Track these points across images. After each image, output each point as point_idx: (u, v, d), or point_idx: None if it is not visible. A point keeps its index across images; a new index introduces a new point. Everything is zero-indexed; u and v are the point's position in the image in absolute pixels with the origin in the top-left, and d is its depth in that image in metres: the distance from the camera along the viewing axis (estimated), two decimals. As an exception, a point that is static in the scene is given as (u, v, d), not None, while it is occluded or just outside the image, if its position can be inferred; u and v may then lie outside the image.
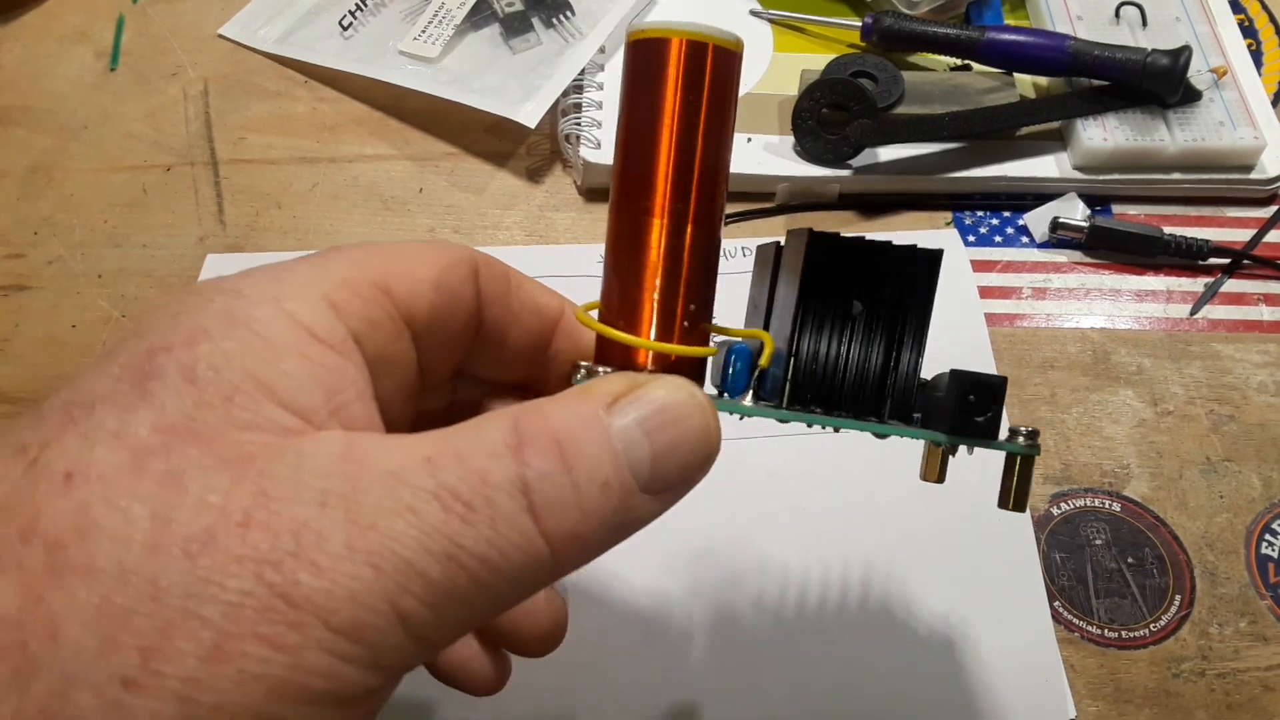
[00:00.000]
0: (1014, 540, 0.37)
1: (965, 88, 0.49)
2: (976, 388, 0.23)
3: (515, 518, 0.18)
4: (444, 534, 0.17)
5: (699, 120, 0.21)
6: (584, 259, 0.45)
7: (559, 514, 0.18)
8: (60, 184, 0.49)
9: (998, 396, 0.23)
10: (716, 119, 0.21)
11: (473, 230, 0.47)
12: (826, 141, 0.47)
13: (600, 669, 0.35)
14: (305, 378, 0.19)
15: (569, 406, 0.19)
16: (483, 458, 0.18)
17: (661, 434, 0.19)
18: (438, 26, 0.51)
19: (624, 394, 0.19)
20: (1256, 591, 0.37)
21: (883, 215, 0.47)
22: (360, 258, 0.21)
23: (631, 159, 0.21)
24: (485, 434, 0.18)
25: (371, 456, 0.18)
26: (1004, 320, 0.44)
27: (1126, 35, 0.50)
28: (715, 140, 0.21)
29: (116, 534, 0.16)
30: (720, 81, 0.21)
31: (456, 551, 0.17)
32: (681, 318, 0.21)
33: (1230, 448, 0.40)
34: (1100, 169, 0.47)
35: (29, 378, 0.42)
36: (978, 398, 0.23)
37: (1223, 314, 0.44)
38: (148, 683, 0.16)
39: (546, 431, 0.18)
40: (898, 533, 0.37)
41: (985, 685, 0.34)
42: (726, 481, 0.38)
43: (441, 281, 0.22)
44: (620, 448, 0.19)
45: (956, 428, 0.23)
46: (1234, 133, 0.46)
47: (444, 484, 0.18)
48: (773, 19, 0.53)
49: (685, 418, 0.19)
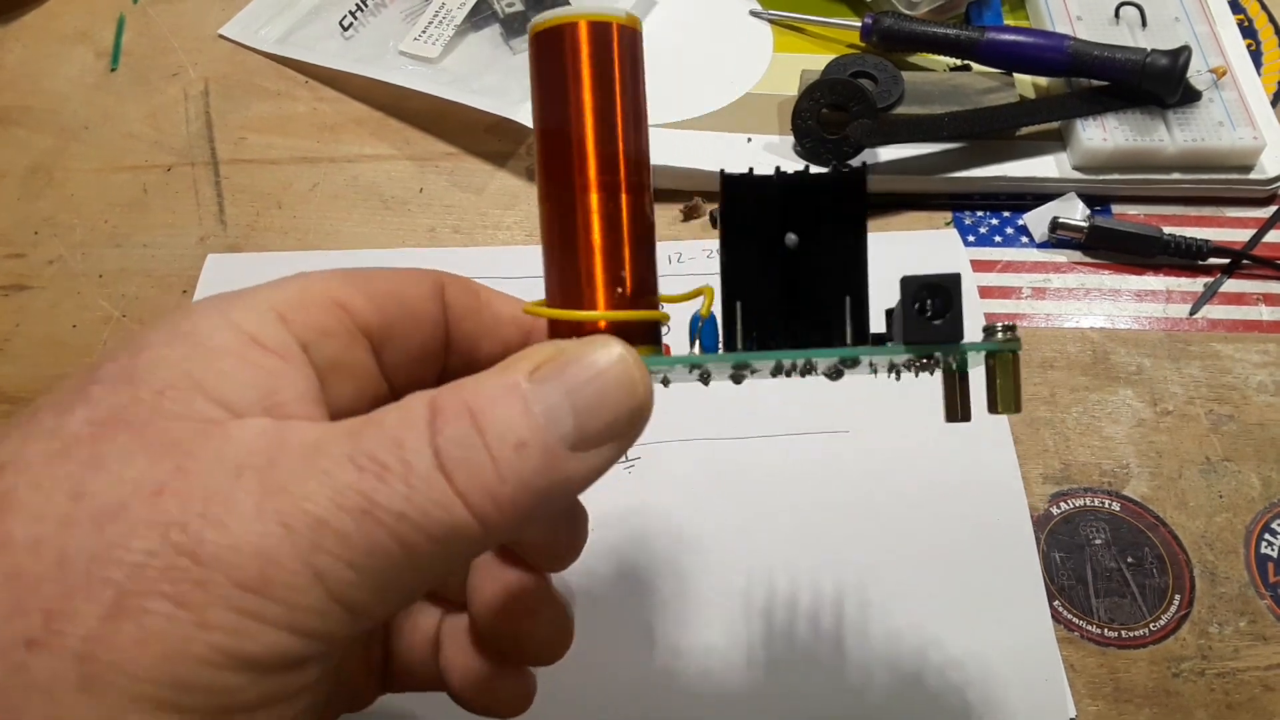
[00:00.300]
0: (1014, 540, 0.37)
1: (965, 88, 0.49)
2: (928, 290, 0.22)
3: (430, 476, 0.18)
4: (357, 490, 0.18)
5: (614, 95, 0.22)
6: None
7: (472, 474, 0.18)
8: (61, 184, 0.49)
9: (953, 295, 0.22)
10: (630, 93, 0.22)
11: (473, 230, 0.47)
12: (826, 141, 0.47)
13: (599, 671, 0.35)
14: (241, 377, 0.19)
15: (486, 377, 0.20)
16: (400, 427, 0.19)
17: (583, 392, 0.19)
18: (438, 27, 0.52)
19: (547, 360, 0.20)
20: (1256, 591, 0.37)
21: (883, 215, 0.47)
22: (319, 276, 0.22)
23: (552, 143, 0.22)
24: (405, 407, 0.19)
25: (294, 434, 0.19)
26: (1004, 320, 0.44)
27: (1126, 35, 0.50)
28: (631, 112, 0.22)
29: (34, 511, 0.17)
30: (627, 57, 0.22)
31: (371, 508, 0.18)
32: (614, 287, 0.22)
33: (1230, 447, 0.40)
34: (1100, 169, 0.47)
35: (29, 378, 0.42)
36: (932, 300, 0.22)
37: (1222, 314, 0.44)
38: (49, 642, 0.16)
39: (461, 401, 0.19)
40: (897, 532, 0.37)
41: (985, 685, 0.34)
42: (726, 481, 0.38)
43: (400, 295, 0.23)
44: (538, 409, 0.19)
45: (914, 336, 0.22)
46: (1233, 133, 0.46)
47: (360, 449, 0.18)
48: (772, 19, 0.54)
49: (607, 373, 0.20)
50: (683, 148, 0.48)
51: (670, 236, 0.47)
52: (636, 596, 0.36)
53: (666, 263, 0.45)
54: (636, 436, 0.21)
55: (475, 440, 0.18)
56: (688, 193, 0.48)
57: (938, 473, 0.39)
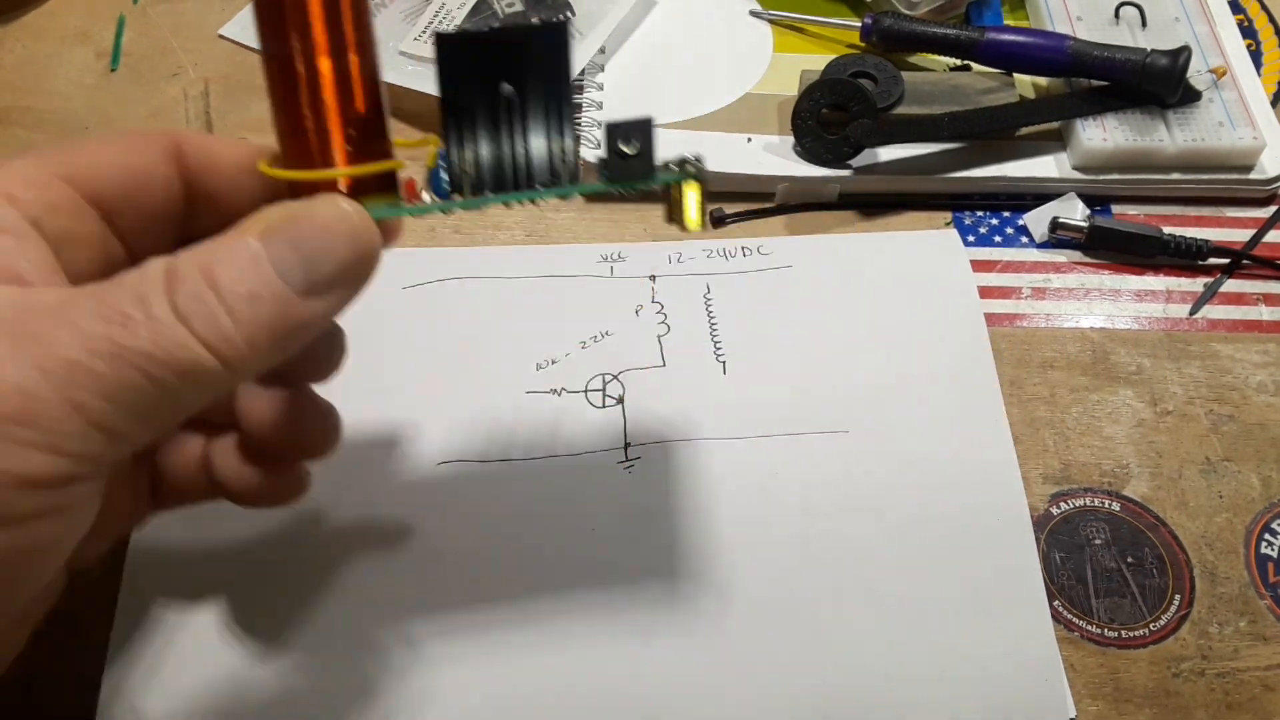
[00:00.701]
0: (1013, 539, 0.37)
1: (965, 88, 0.49)
2: (626, 129, 0.26)
3: (170, 325, 0.21)
4: (105, 338, 0.20)
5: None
6: (584, 259, 0.45)
7: (208, 323, 0.21)
8: (61, 184, 0.49)
9: (647, 134, 0.26)
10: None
11: (473, 230, 0.47)
12: (826, 142, 0.47)
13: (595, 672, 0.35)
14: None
15: (219, 241, 0.22)
16: (141, 285, 0.21)
17: (309, 242, 0.22)
18: (438, 27, 0.52)
19: (277, 221, 0.22)
20: (1256, 591, 0.37)
21: (883, 215, 0.47)
22: (43, 154, 0.25)
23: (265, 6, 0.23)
24: (144, 269, 0.21)
25: (39, 296, 0.21)
26: (1004, 320, 0.44)
27: (1126, 36, 0.50)
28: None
29: None
30: None
31: (121, 351, 0.20)
32: (344, 144, 0.24)
33: (1230, 448, 0.40)
34: (1100, 169, 0.47)
35: (29, 378, 0.42)
36: (630, 139, 0.26)
37: (1222, 314, 0.44)
38: None
39: (195, 263, 0.21)
40: (894, 532, 0.37)
41: (984, 685, 0.34)
42: (724, 481, 0.38)
43: (127, 164, 0.25)
44: (267, 264, 0.22)
45: (613, 174, 0.26)
46: (1233, 133, 0.46)
47: (105, 302, 0.21)
48: (772, 19, 0.54)
49: (333, 223, 0.23)
50: (682, 148, 0.48)
51: (670, 237, 0.47)
52: (632, 599, 0.36)
53: (667, 262, 0.45)
54: (367, 278, 0.24)
55: (209, 294, 0.21)
56: (688, 193, 0.48)
57: (937, 472, 0.39)
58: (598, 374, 0.41)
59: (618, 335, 0.42)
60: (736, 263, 0.45)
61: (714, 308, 0.43)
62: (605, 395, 0.41)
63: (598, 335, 0.42)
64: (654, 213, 0.47)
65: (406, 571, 0.36)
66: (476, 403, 0.40)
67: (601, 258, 0.45)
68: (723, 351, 0.42)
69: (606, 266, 0.44)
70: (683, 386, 0.41)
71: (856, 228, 0.47)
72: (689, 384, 0.41)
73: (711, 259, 0.45)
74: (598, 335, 0.42)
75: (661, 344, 0.42)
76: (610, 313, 0.43)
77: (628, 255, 0.45)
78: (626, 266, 0.44)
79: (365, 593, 0.36)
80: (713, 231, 0.47)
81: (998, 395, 0.41)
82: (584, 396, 0.41)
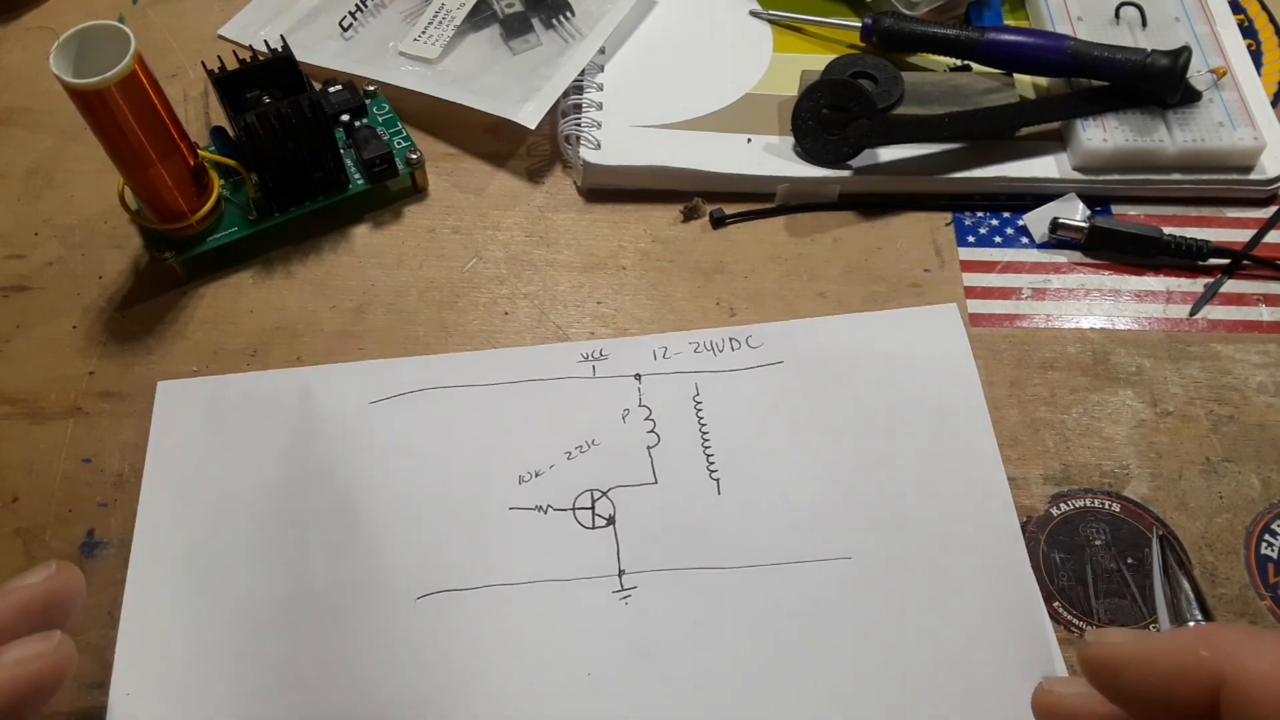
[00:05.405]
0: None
1: (965, 88, 0.49)
2: (379, 158, 0.45)
3: None
4: None
5: (129, 119, 0.39)
6: (563, 359, 0.42)
7: None
8: (61, 185, 0.49)
9: (389, 159, 0.45)
10: (141, 110, 0.39)
11: (473, 230, 0.47)
12: (826, 142, 0.47)
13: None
14: None
15: None
16: None
17: None
18: (438, 27, 0.52)
19: None
20: (1256, 592, 0.37)
21: (883, 215, 0.47)
22: None
23: (116, 145, 0.40)
24: None
25: None
26: (1004, 321, 0.44)
27: (1126, 36, 0.50)
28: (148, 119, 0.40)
29: None
30: (134, 95, 0.38)
31: None
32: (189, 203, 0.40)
33: (1230, 448, 0.40)
34: (1100, 169, 0.47)
35: (29, 378, 0.42)
36: (379, 162, 0.45)
37: (1222, 314, 0.44)
38: None
39: None
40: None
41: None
42: (726, 616, 0.36)
43: None
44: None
45: (372, 180, 0.45)
46: (1233, 133, 0.46)
47: None
48: (772, 19, 0.54)
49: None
50: (682, 148, 0.48)
51: (670, 237, 0.47)
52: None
53: (652, 358, 0.42)
54: None
55: None
56: (688, 193, 0.48)
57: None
58: (586, 489, 0.38)
59: (605, 445, 0.39)
60: (725, 358, 0.42)
61: (704, 413, 0.40)
62: (595, 515, 0.38)
63: (584, 445, 0.39)
64: (655, 213, 0.47)
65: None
66: (456, 524, 0.37)
67: (582, 356, 0.42)
68: (716, 469, 0.39)
69: (588, 366, 0.41)
70: (677, 509, 0.38)
71: (856, 228, 0.47)
72: (682, 506, 0.38)
73: (699, 354, 0.42)
74: (584, 445, 0.39)
75: (652, 456, 0.39)
76: (596, 418, 0.40)
77: (609, 352, 0.42)
78: (609, 365, 0.41)
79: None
80: (714, 232, 0.47)
81: (1009, 502, 0.38)
82: (572, 515, 0.38)
